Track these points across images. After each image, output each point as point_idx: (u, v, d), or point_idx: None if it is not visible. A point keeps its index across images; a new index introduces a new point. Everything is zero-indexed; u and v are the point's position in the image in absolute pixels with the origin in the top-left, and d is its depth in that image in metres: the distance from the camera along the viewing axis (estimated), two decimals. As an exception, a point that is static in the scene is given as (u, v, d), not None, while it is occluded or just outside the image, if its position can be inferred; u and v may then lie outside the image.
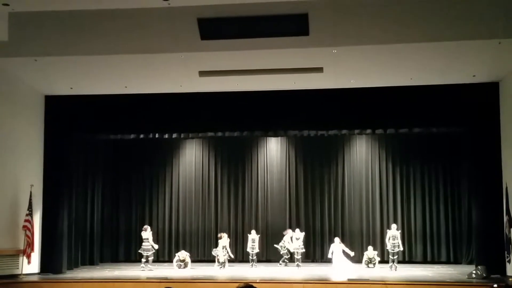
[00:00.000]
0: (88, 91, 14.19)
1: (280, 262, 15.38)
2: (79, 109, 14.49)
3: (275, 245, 15.62)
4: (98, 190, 16.71)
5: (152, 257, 14.75)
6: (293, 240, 15.07)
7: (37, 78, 13.43)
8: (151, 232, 15.07)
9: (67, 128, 14.49)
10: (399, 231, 14.58)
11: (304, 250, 14.98)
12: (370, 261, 14.92)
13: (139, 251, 14.72)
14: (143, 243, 14.63)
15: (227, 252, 14.87)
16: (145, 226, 15.17)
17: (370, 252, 15.04)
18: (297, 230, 15.24)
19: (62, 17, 11.48)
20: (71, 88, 13.98)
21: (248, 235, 15.63)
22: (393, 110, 13.85)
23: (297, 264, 14.58)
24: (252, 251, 15.16)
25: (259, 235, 15.57)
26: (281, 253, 15.42)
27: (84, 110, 14.51)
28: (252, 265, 14.91)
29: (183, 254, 15.10)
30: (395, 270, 13.84)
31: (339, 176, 17.15)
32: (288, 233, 15.39)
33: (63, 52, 11.86)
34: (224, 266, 14.63)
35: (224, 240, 14.94)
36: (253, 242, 15.24)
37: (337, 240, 15.14)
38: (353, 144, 17.19)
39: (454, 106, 13.60)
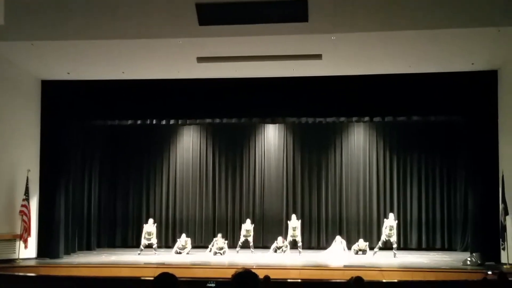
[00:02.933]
0: (85, 76, 14.16)
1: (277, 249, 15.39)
2: (76, 94, 14.45)
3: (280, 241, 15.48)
4: (95, 176, 16.68)
5: (156, 245, 14.92)
6: (288, 230, 15.15)
7: (34, 63, 13.37)
8: (155, 225, 15.17)
9: (64, 113, 14.44)
10: (396, 221, 14.65)
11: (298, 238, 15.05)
12: (359, 251, 15.00)
13: (143, 242, 14.86)
14: (146, 238, 14.78)
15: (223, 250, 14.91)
16: (150, 219, 15.32)
17: (361, 244, 15.11)
18: (294, 217, 15.32)
19: (59, 2, 11.35)
20: (68, 73, 13.93)
21: (243, 224, 15.64)
22: (391, 98, 13.84)
23: (299, 251, 14.69)
24: (246, 239, 15.18)
25: (253, 225, 15.57)
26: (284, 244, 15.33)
27: (81, 95, 14.48)
28: (241, 248, 14.97)
29: (184, 240, 15.15)
30: (395, 256, 13.93)
31: (336, 164, 17.16)
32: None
33: (60, 37, 11.74)
34: (223, 253, 14.68)
35: (220, 242, 14.98)
36: (247, 231, 15.24)
37: (338, 239, 15.21)
38: (351, 132, 17.20)
39: (452, 94, 13.61)
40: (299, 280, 10.35)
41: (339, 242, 15.19)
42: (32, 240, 13.83)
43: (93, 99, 14.52)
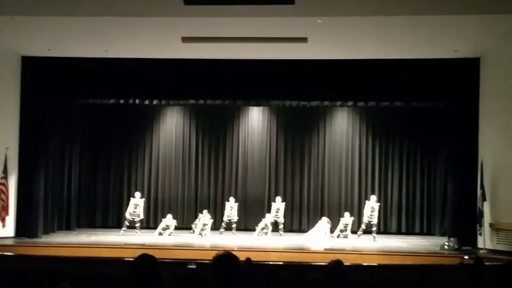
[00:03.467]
0: (67, 53, 13.92)
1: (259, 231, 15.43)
2: (57, 71, 14.22)
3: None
4: (76, 155, 16.55)
5: (139, 224, 14.90)
6: (271, 211, 15.23)
7: (13, 38, 13.05)
8: (142, 200, 15.19)
9: (44, 91, 14.21)
10: (379, 203, 14.78)
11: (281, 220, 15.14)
12: (345, 227, 15.05)
13: (128, 216, 14.81)
14: (132, 209, 14.77)
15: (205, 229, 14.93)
16: (137, 193, 15.38)
17: (347, 219, 15.19)
18: (278, 199, 15.40)
19: (40, -24, 11.17)
20: (49, 49, 13.69)
21: (226, 202, 15.70)
22: (375, 83, 13.88)
23: (280, 233, 14.77)
24: (230, 219, 15.27)
25: (237, 204, 15.66)
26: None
27: (62, 73, 14.25)
28: (221, 231, 15.00)
29: (170, 220, 15.15)
30: (374, 240, 14.06)
31: (319, 147, 17.23)
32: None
33: (41, 12, 11.43)
34: (203, 235, 14.68)
35: (206, 218, 15.01)
36: (231, 209, 15.33)
37: (324, 220, 15.27)
38: (335, 116, 17.24)
39: (435, 80, 13.69)
40: (281, 263, 10.40)
41: (324, 222, 15.21)
42: (11, 219, 13.70)
43: (75, 77, 14.29)
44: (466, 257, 10.64)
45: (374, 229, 14.42)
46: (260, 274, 6.32)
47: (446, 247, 12.73)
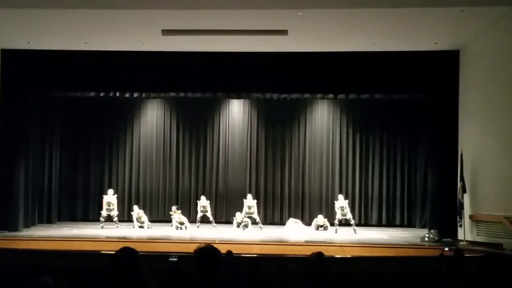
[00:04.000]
0: (46, 46, 13.79)
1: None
2: (37, 64, 14.08)
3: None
4: (56, 149, 16.41)
5: (116, 219, 14.85)
6: (244, 208, 15.12)
7: (-7, 31, 12.94)
8: (115, 196, 15.09)
9: (24, 83, 14.08)
10: (347, 200, 14.86)
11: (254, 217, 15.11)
12: (319, 227, 15.17)
13: (104, 214, 14.77)
14: (107, 208, 14.73)
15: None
16: (110, 190, 15.25)
17: (320, 220, 15.28)
18: (249, 196, 15.37)
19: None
20: (29, 42, 13.55)
21: (198, 201, 15.60)
22: (356, 75, 13.95)
23: (260, 227, 14.78)
24: (204, 214, 15.20)
25: (209, 201, 15.54)
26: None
27: (42, 66, 14.12)
28: (198, 226, 14.98)
29: (137, 212, 15.15)
30: (355, 233, 14.15)
31: (300, 140, 17.26)
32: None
33: (19, 4, 11.35)
34: (184, 228, 14.66)
35: (203, 200, 15.20)
36: (204, 207, 15.22)
37: (291, 221, 15.33)
38: (315, 108, 17.28)
39: (415, 73, 13.80)
40: (261, 255, 10.44)
41: (292, 222, 15.23)
42: (-10, 212, 13.57)
43: (55, 70, 14.18)
44: (446, 248, 10.79)
45: (352, 222, 14.49)
46: (241, 266, 6.34)
47: (426, 239, 12.86)
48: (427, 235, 12.96)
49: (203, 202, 15.39)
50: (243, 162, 17.23)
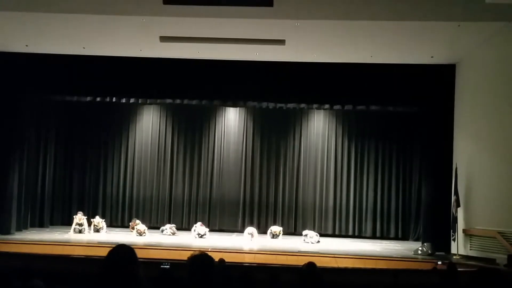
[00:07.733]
0: (44, 49, 13.81)
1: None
2: (34, 67, 14.07)
3: None
4: (51, 152, 16.37)
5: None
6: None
7: (-9, 34, 12.93)
8: (85, 218, 15.00)
9: (21, 86, 14.08)
10: (316, 233, 14.80)
11: None
12: (273, 235, 15.04)
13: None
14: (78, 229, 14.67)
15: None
16: (79, 212, 15.14)
17: (274, 228, 15.21)
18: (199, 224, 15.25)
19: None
20: (27, 45, 13.55)
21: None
22: (352, 86, 14.00)
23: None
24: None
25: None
26: None
27: (39, 69, 14.10)
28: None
29: (98, 220, 15.17)
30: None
31: (295, 150, 17.26)
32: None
33: (19, 8, 11.35)
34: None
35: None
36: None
37: (250, 229, 14.97)
38: (311, 119, 17.30)
39: (411, 86, 13.84)
40: (254, 264, 10.42)
41: (245, 234, 14.84)
42: (-18, 215, 13.50)
43: (52, 74, 14.17)
44: (439, 262, 10.79)
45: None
46: (234, 274, 6.33)
47: (419, 252, 12.85)
48: (420, 248, 12.96)
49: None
50: (237, 170, 17.21)
